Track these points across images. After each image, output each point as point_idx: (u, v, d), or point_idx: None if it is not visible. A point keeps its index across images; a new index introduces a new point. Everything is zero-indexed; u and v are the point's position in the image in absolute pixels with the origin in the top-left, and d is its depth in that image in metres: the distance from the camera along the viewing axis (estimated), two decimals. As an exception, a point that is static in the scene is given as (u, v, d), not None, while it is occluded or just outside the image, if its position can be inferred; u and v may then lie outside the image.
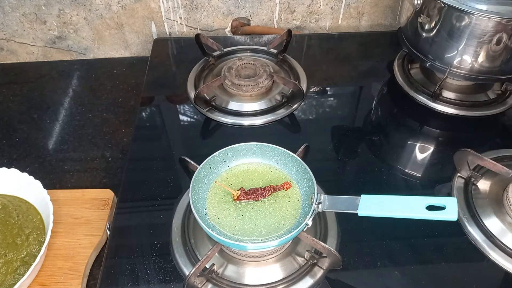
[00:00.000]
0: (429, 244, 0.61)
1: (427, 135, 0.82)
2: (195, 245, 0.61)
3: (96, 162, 0.81)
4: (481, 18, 0.69)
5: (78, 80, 1.01)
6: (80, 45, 1.07)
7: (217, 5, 1.03)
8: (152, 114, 0.84)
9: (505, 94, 0.86)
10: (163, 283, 0.57)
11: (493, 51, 0.73)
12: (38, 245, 0.62)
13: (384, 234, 0.62)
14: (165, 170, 0.72)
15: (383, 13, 1.09)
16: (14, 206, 0.66)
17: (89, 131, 0.88)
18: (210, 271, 0.57)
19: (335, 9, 1.07)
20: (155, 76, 0.92)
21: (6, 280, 0.58)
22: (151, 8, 1.02)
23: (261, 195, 0.57)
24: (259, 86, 0.84)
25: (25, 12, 0.99)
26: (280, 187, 0.58)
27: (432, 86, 0.86)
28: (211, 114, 0.82)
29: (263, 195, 0.57)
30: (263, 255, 0.58)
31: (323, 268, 0.58)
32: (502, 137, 0.80)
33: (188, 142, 0.80)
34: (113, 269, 0.59)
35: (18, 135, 0.87)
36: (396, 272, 0.58)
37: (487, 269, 0.59)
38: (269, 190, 0.58)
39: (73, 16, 1.01)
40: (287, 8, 1.05)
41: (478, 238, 0.61)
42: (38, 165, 0.80)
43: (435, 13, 0.75)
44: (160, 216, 0.65)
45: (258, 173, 0.61)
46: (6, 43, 1.05)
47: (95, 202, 0.70)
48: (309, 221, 0.52)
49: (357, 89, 0.93)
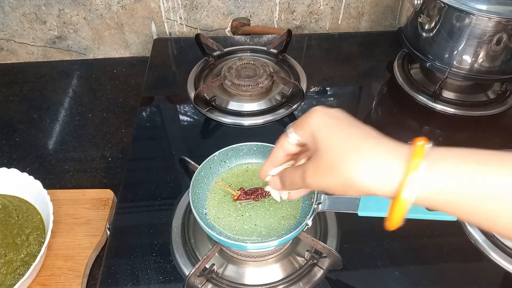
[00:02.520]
0: (429, 244, 0.61)
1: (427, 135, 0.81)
2: (195, 245, 0.61)
3: (96, 162, 0.81)
4: (481, 18, 0.69)
5: (78, 80, 1.01)
6: (80, 45, 1.07)
7: (217, 5, 1.03)
8: (152, 114, 0.84)
9: (505, 94, 0.86)
10: (163, 283, 0.57)
11: (493, 51, 0.73)
12: (38, 245, 0.62)
13: (384, 234, 0.62)
14: (165, 170, 0.72)
15: (383, 13, 1.09)
16: (14, 206, 0.66)
17: (89, 131, 0.88)
18: (210, 271, 0.57)
19: (335, 9, 1.07)
20: (155, 76, 0.92)
21: (6, 280, 0.58)
22: (151, 8, 1.02)
23: (261, 195, 0.57)
24: (259, 86, 0.84)
25: (25, 12, 0.99)
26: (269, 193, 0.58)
27: (432, 86, 0.86)
28: (211, 114, 0.82)
29: (263, 195, 0.57)
30: (263, 255, 0.58)
31: (323, 268, 0.58)
32: (502, 137, 0.80)
33: (188, 142, 0.80)
34: (113, 269, 0.59)
35: (18, 135, 0.87)
36: (396, 272, 0.58)
37: (487, 269, 0.59)
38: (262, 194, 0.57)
39: (73, 16, 1.01)
40: (287, 8, 1.05)
41: (478, 238, 0.61)
42: (38, 165, 0.80)
43: (435, 13, 0.75)
44: (160, 216, 0.65)
45: (258, 173, 0.61)
46: (6, 43, 1.05)
47: (95, 202, 0.70)
48: (309, 221, 0.52)
49: (357, 89, 0.93)
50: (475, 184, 0.30)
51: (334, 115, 0.37)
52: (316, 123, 0.37)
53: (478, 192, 0.29)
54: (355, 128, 0.36)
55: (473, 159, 0.31)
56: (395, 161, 0.32)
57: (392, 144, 0.33)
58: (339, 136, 0.35)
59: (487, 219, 0.30)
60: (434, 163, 0.31)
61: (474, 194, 0.30)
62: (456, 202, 0.30)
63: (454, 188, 0.30)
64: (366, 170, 0.32)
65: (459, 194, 0.30)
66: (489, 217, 0.30)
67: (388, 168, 0.32)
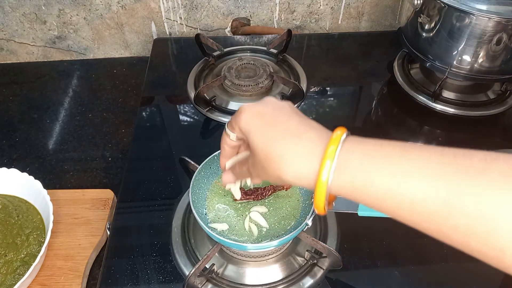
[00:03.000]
0: (429, 244, 0.61)
1: (427, 135, 0.82)
2: (195, 245, 0.61)
3: (96, 162, 0.81)
4: (481, 18, 0.69)
5: (78, 80, 1.01)
6: (80, 45, 1.07)
7: (217, 5, 1.03)
8: (152, 114, 0.84)
9: (505, 94, 0.86)
10: (163, 283, 0.57)
11: (493, 51, 0.73)
12: (38, 245, 0.62)
13: (384, 234, 0.62)
14: (165, 170, 0.72)
15: (383, 13, 1.09)
16: (14, 206, 0.66)
17: (89, 131, 0.88)
18: (210, 271, 0.57)
19: (335, 9, 1.07)
20: (155, 76, 0.92)
21: (6, 280, 0.58)
22: (151, 8, 1.02)
23: (261, 195, 0.57)
24: (259, 86, 0.84)
25: (25, 12, 0.99)
26: (280, 187, 0.58)
27: (432, 86, 0.86)
28: (211, 114, 0.82)
29: (263, 195, 0.57)
30: (263, 255, 0.58)
31: (323, 268, 0.58)
32: (502, 137, 0.80)
33: (188, 142, 0.80)
34: (113, 269, 0.59)
35: (18, 135, 0.87)
36: (396, 272, 0.58)
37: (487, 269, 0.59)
38: (269, 190, 0.58)
39: (73, 16, 1.01)
40: (287, 8, 1.05)
41: (478, 238, 0.61)
42: (38, 165, 0.80)
43: (435, 13, 0.75)
44: (160, 216, 0.65)
45: (258, 173, 0.61)
46: (6, 43, 1.05)
47: (95, 202, 0.70)
48: (309, 221, 0.52)
49: (357, 89, 0.93)
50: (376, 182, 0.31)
51: (260, 113, 0.39)
52: (243, 124, 0.40)
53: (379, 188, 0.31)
54: (279, 126, 0.37)
55: (378, 157, 0.32)
56: (313, 158, 0.34)
57: (312, 140, 0.35)
58: (264, 138, 0.37)
59: (393, 213, 0.32)
60: (346, 156, 0.33)
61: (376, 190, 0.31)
62: (364, 195, 0.32)
63: (359, 183, 0.32)
64: (289, 170, 0.35)
65: (363, 189, 0.32)
66: (392, 212, 0.32)
67: (307, 165, 0.34)
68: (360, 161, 0.32)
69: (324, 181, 0.33)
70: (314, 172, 0.34)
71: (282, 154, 0.36)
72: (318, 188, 0.33)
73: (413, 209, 0.30)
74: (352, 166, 0.32)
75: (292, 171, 0.35)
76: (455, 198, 0.28)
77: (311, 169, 0.34)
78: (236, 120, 0.40)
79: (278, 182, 0.38)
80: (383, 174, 0.31)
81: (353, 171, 0.32)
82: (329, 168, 0.33)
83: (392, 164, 0.31)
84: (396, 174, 0.30)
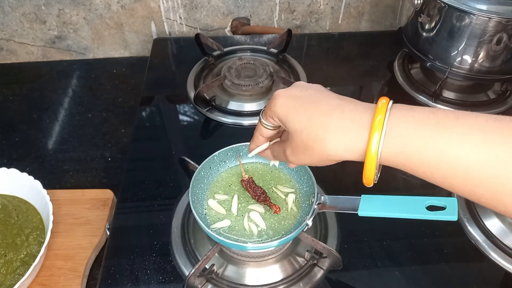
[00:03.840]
0: (429, 244, 0.61)
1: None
2: (195, 245, 0.61)
3: (95, 162, 0.81)
4: (481, 18, 0.69)
5: (78, 80, 1.01)
6: (80, 45, 1.07)
7: (217, 4, 1.03)
8: (152, 114, 0.84)
9: (505, 94, 0.86)
10: (163, 283, 0.57)
11: (493, 51, 0.73)
12: (38, 245, 0.62)
13: (384, 234, 0.62)
14: (165, 170, 0.72)
15: (383, 13, 1.09)
16: (14, 206, 0.66)
17: (88, 131, 0.88)
18: (210, 271, 0.57)
19: (335, 8, 1.07)
20: (155, 76, 0.92)
21: (6, 280, 0.58)
22: (150, 7, 1.02)
23: (264, 201, 0.57)
24: (259, 86, 0.84)
25: (25, 12, 0.99)
26: (269, 204, 0.56)
27: (432, 86, 0.86)
28: (211, 114, 0.82)
29: (265, 201, 0.57)
30: (263, 256, 0.58)
31: (323, 269, 0.58)
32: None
33: (188, 142, 0.80)
34: (113, 269, 0.59)
35: (18, 135, 0.87)
36: (396, 272, 0.58)
37: (487, 269, 0.59)
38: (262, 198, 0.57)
39: (73, 16, 1.01)
40: (287, 7, 1.05)
41: (479, 238, 0.61)
42: (38, 165, 0.80)
43: (435, 13, 0.75)
44: (160, 216, 0.65)
45: (258, 173, 0.61)
46: (6, 43, 1.05)
47: (95, 202, 0.70)
48: (309, 221, 0.52)
49: (357, 89, 0.93)
50: (429, 148, 0.31)
51: (295, 95, 0.39)
52: (280, 110, 0.39)
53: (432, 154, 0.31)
54: (318, 104, 0.37)
55: (431, 123, 0.32)
56: (361, 128, 0.34)
57: (356, 111, 0.35)
58: (304, 117, 0.37)
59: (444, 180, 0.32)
60: (395, 124, 0.32)
61: (429, 156, 0.31)
62: (415, 162, 0.32)
63: (412, 149, 0.32)
64: (336, 144, 0.35)
65: (416, 156, 0.32)
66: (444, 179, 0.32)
67: (355, 136, 0.34)
68: (414, 127, 0.31)
69: (374, 151, 0.32)
70: (364, 143, 0.33)
71: (328, 128, 0.35)
72: (368, 159, 0.33)
73: (468, 175, 0.29)
74: (404, 133, 0.32)
75: (339, 144, 0.34)
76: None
77: (360, 140, 0.33)
78: (271, 106, 0.40)
79: (323, 161, 0.37)
80: (438, 140, 0.30)
81: (404, 138, 0.32)
82: (379, 138, 0.32)
83: (446, 129, 0.30)
84: (451, 140, 0.30)
